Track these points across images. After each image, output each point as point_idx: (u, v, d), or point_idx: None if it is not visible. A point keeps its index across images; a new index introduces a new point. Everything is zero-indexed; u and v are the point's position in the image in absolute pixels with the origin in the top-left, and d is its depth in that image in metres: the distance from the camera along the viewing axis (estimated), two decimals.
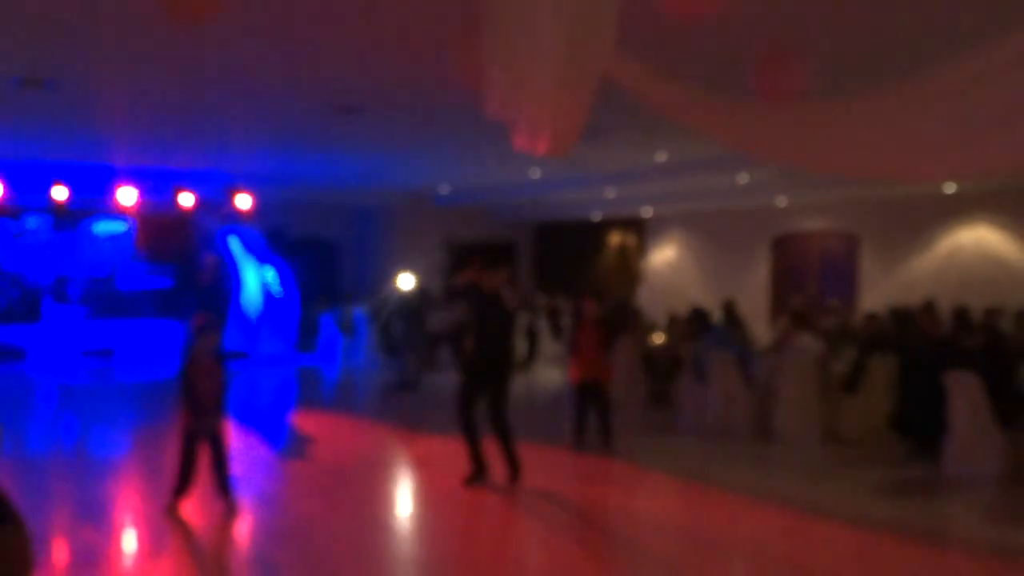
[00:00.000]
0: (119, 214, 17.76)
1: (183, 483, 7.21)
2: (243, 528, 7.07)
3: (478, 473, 8.30)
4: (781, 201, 18.49)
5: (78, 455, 9.95)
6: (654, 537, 6.90)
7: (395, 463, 9.49)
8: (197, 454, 7.22)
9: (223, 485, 7.31)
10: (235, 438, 10.81)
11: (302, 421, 12.07)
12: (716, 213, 20.68)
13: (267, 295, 18.92)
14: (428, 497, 7.96)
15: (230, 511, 7.28)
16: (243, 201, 17.34)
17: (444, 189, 20.77)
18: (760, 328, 17.57)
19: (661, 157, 14.61)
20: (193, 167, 16.22)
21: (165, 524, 7.02)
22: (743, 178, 16.07)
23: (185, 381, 7.10)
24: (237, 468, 9.11)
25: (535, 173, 17.08)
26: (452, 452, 9.30)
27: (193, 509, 7.36)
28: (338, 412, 12.93)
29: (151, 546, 6.68)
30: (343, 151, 14.58)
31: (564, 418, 11.71)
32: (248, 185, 17.78)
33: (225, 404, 7.28)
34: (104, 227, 19.07)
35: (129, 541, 6.75)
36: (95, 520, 7.09)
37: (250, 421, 12.23)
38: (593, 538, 6.91)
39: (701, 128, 6.09)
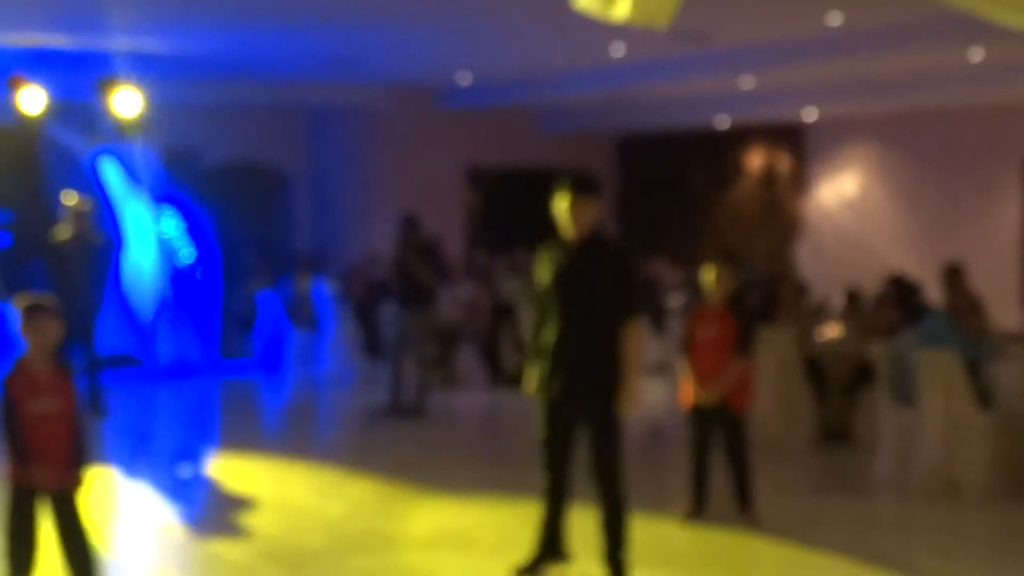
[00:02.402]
0: None
1: (16, 572, 7.23)
2: None
3: (545, 557, 8.26)
4: None
5: None
6: None
7: (387, 545, 9.46)
8: (33, 526, 7.21)
9: (79, 574, 7.33)
10: (108, 499, 10.87)
11: (228, 471, 12.09)
12: (928, 116, 20.48)
13: (169, 261, 18.99)
14: None
15: None
16: (127, 102, 17.37)
17: (463, 80, 20.72)
18: (1008, 311, 17.42)
19: (834, 21, 14.52)
20: (44, 44, 16.27)
21: None
22: (975, 55, 15.90)
23: (4, 407, 7.08)
24: (118, 552, 9.17)
25: (617, 51, 17.01)
26: (483, 525, 9.20)
27: None
28: (289, 455, 12.95)
29: None
30: (292, 15, 14.57)
31: (673, 467, 11.64)
32: (135, 75, 17.82)
33: (80, 445, 7.25)
34: None
35: None
36: None
37: (139, 471, 12.28)
38: None
39: None
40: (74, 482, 7.26)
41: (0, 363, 7.24)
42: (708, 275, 10.04)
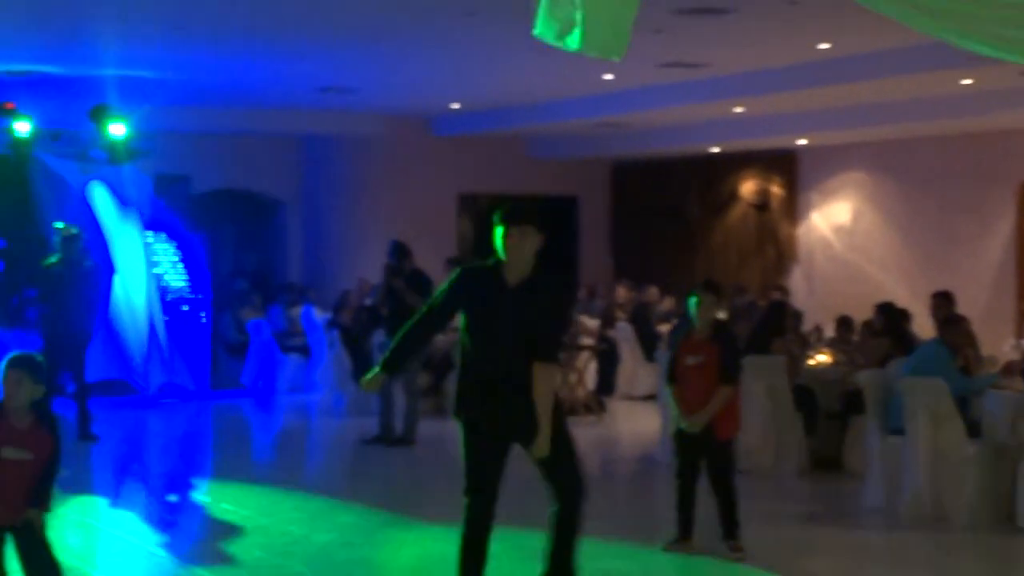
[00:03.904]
0: None
1: None
2: None
3: None
4: None
5: None
6: None
7: (373, 572, 9.51)
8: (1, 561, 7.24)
9: None
10: (102, 526, 10.88)
11: (216, 498, 12.08)
12: (920, 142, 20.49)
13: (160, 289, 19.00)
14: None
15: None
16: (118, 130, 17.41)
17: (453, 108, 20.76)
18: (1000, 340, 17.40)
19: (823, 47, 14.56)
20: (34, 71, 16.32)
21: None
22: (966, 81, 15.93)
23: None
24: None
25: (609, 78, 17.06)
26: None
27: None
28: (278, 482, 12.97)
29: None
30: (284, 43, 14.61)
31: (662, 495, 11.64)
32: (127, 103, 17.86)
33: (42, 487, 7.25)
34: None
35: None
36: None
37: (129, 498, 12.28)
38: None
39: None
40: (30, 518, 7.25)
41: None
42: (699, 303, 10.05)
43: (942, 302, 13.52)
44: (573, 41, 5.10)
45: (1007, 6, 5.53)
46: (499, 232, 7.58)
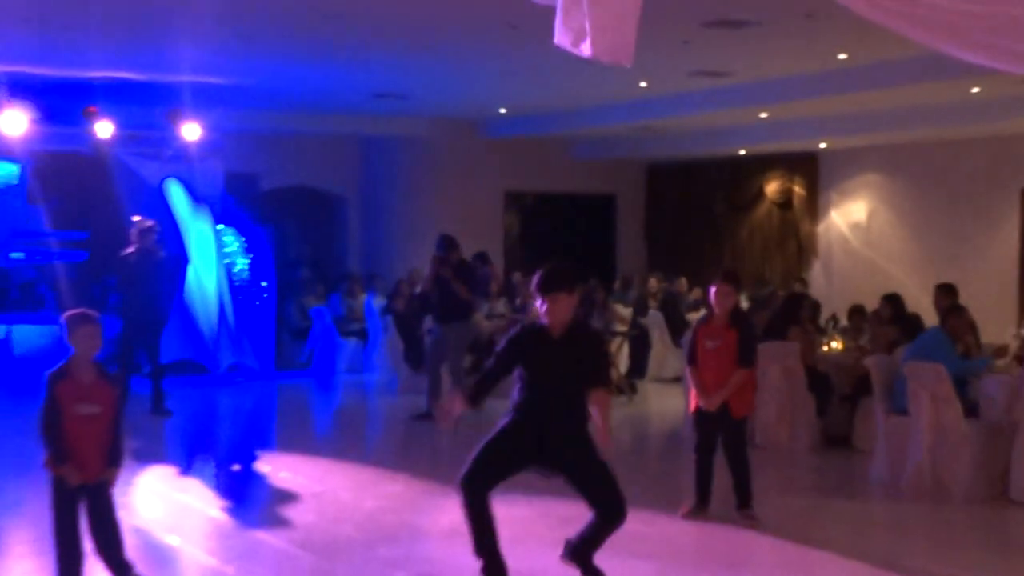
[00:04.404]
0: (2, 151, 18.10)
1: (60, 561, 7.36)
2: None
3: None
4: None
5: None
6: None
7: (412, 537, 9.57)
8: (74, 516, 7.34)
9: (112, 566, 7.43)
10: (172, 492, 11.04)
11: (277, 468, 12.22)
12: (932, 146, 20.43)
13: (229, 276, 19.16)
14: None
15: None
16: (192, 131, 17.59)
17: (500, 113, 20.83)
18: (1003, 329, 17.35)
19: (841, 57, 14.57)
20: (116, 77, 16.48)
21: None
22: (974, 89, 15.89)
23: (48, 408, 7.20)
24: (172, 537, 9.32)
25: (643, 85, 17.09)
26: (502, 520, 9.31)
27: None
28: (334, 454, 13.13)
29: None
30: (346, 53, 14.72)
31: (685, 468, 11.69)
32: (199, 107, 18.01)
33: (115, 444, 7.40)
34: None
35: None
36: None
37: (197, 467, 12.44)
38: None
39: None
40: (107, 477, 7.42)
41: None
42: (718, 292, 10.09)
43: (944, 293, 13.51)
44: (586, 48, 5.17)
45: (996, 15, 5.53)
46: (541, 299, 7.83)
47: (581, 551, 8.09)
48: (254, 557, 8.85)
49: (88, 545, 7.38)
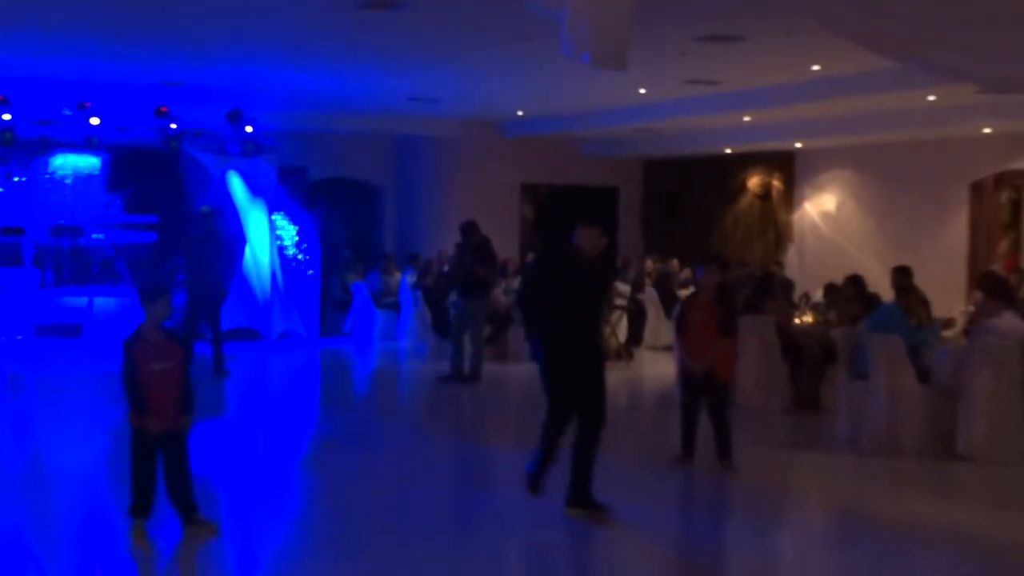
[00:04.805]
0: (84, 146, 18.18)
1: (138, 500, 7.47)
2: (217, 563, 7.30)
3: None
4: (984, 129, 18.16)
5: (30, 462, 10.31)
6: None
7: (437, 479, 9.66)
8: (153, 464, 7.46)
9: (182, 506, 7.55)
10: (229, 443, 11.13)
11: (322, 423, 12.30)
12: (893, 146, 20.36)
13: (281, 256, 19.23)
14: (478, 523, 8.08)
15: (198, 535, 7.52)
16: (250, 130, 17.66)
17: (517, 115, 20.84)
18: (953, 305, 17.33)
19: (815, 68, 14.54)
20: (183, 82, 16.55)
21: (127, 550, 7.30)
22: (931, 97, 15.85)
23: (127, 368, 7.35)
24: (226, 482, 9.42)
25: (643, 92, 17.08)
26: (512, 467, 9.43)
27: (171, 533, 7.61)
28: (370, 411, 13.23)
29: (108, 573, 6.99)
30: (377, 61, 14.77)
31: (672, 426, 11.74)
32: (257, 107, 18.08)
33: (186, 396, 7.52)
34: (64, 163, 19.52)
35: (83, 568, 7.05)
36: (46, 542, 7.38)
37: (251, 422, 12.53)
38: None
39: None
40: (181, 425, 7.53)
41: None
42: (704, 272, 10.12)
43: (899, 274, 13.46)
44: (587, 57, 5.23)
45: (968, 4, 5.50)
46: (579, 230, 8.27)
47: (579, 488, 8.17)
48: (299, 496, 8.91)
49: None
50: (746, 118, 19.16)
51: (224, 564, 7.27)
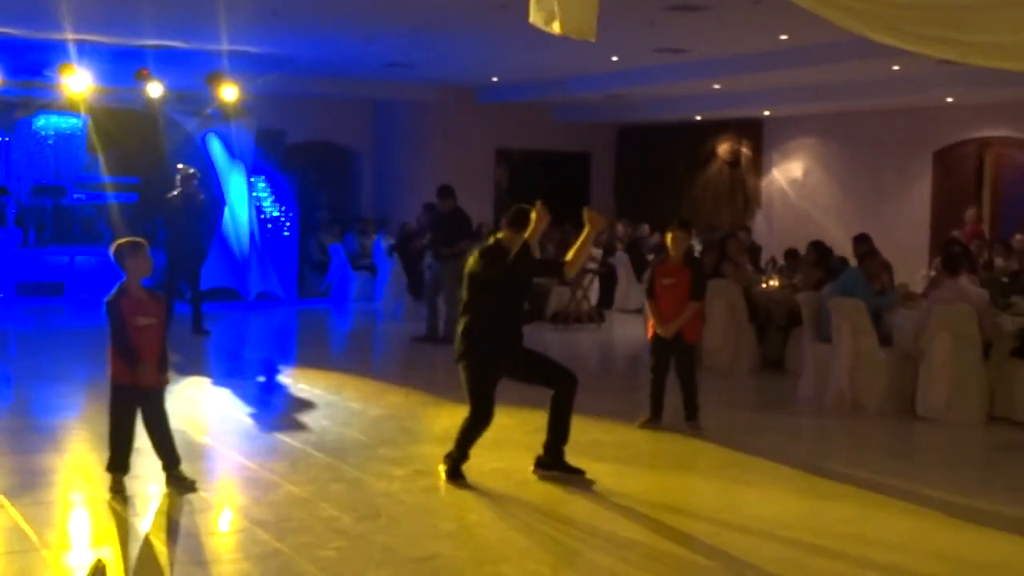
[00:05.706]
0: (66, 107, 18.01)
1: (115, 454, 7.46)
2: (197, 518, 7.28)
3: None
4: (947, 97, 18.20)
5: (12, 419, 10.26)
6: (748, 548, 6.94)
7: (409, 440, 9.64)
8: (132, 420, 7.45)
9: (166, 458, 7.56)
10: (208, 400, 11.11)
11: (297, 380, 12.28)
12: (859, 115, 20.42)
13: (259, 218, 19.15)
14: (442, 485, 8.07)
15: (180, 490, 7.51)
16: (229, 92, 17.51)
17: (492, 81, 20.76)
18: (915, 272, 17.41)
19: (783, 37, 14.52)
20: (163, 46, 16.39)
21: (106, 506, 7.27)
22: (895, 67, 15.85)
23: (115, 322, 7.32)
24: (207, 438, 9.41)
25: (615, 59, 17.03)
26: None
27: (149, 489, 7.58)
28: (346, 369, 13.16)
29: (86, 529, 6.97)
30: (354, 26, 14.65)
31: (642, 387, 11.76)
32: (235, 71, 17.92)
33: (163, 354, 7.53)
34: (47, 124, 19.35)
35: (64, 523, 7.02)
36: (27, 498, 7.35)
37: (229, 378, 12.50)
38: (664, 548, 6.98)
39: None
40: (163, 382, 7.52)
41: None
42: (672, 236, 10.10)
43: (861, 242, 13.57)
44: (556, 26, 5.17)
45: (923, 7, 5.47)
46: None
47: (553, 454, 8.19)
48: (274, 454, 8.89)
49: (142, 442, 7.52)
50: (716, 86, 19.15)
51: (204, 520, 7.24)
